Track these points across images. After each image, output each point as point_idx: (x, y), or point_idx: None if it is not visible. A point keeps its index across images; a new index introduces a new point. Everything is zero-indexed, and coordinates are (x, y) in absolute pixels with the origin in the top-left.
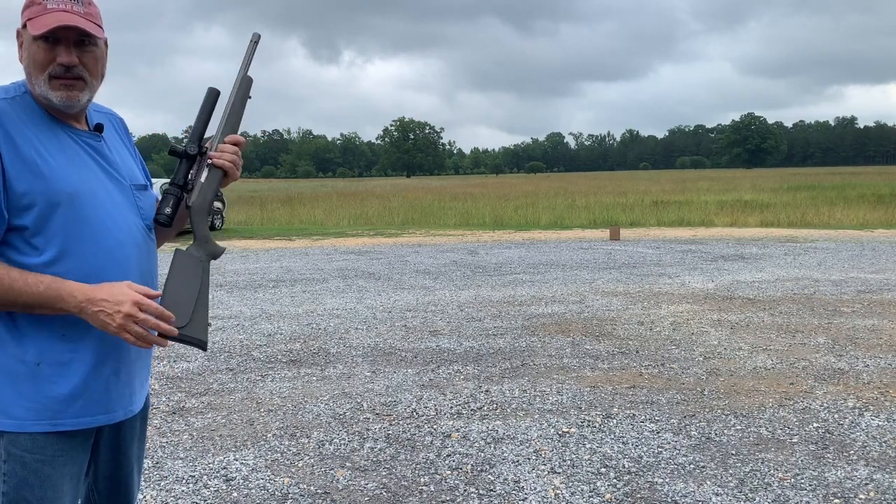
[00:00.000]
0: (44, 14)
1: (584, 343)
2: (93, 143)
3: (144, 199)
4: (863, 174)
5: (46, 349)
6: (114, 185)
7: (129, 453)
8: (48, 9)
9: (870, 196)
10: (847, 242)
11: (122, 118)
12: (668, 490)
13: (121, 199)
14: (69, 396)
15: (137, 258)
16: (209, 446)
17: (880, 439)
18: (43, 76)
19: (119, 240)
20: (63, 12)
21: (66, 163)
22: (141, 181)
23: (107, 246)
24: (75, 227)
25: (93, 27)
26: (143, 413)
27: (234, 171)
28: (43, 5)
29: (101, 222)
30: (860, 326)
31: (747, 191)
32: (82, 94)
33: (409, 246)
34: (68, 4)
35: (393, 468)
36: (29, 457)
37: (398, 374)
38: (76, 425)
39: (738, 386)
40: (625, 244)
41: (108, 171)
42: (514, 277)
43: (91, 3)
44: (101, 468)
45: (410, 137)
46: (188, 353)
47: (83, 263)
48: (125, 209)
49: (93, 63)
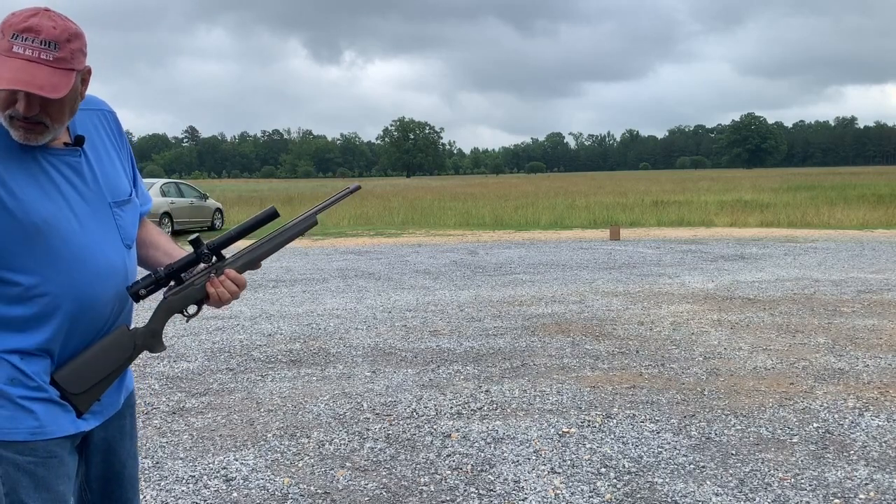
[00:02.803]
0: (6, 60)
1: (584, 343)
2: (70, 161)
3: (125, 215)
4: (863, 174)
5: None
6: (89, 208)
7: (118, 451)
8: (12, 53)
9: (870, 196)
10: (847, 242)
11: (114, 111)
12: (668, 490)
13: (96, 225)
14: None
15: (113, 287)
16: (209, 446)
17: (880, 439)
18: (3, 114)
19: (92, 273)
20: (26, 63)
21: (35, 194)
22: (124, 195)
23: (80, 279)
24: (46, 260)
25: (57, 84)
26: (131, 410)
27: (219, 304)
28: (9, 45)
29: (72, 256)
30: (860, 326)
31: (747, 191)
32: (42, 136)
33: (409, 246)
34: (36, 51)
35: (393, 468)
36: (21, 459)
37: (398, 374)
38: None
39: (738, 386)
40: (625, 244)
41: (84, 194)
42: (514, 277)
43: (69, 41)
44: (93, 468)
45: (410, 137)
46: (188, 353)
47: (55, 297)
48: (102, 236)
49: (57, 111)
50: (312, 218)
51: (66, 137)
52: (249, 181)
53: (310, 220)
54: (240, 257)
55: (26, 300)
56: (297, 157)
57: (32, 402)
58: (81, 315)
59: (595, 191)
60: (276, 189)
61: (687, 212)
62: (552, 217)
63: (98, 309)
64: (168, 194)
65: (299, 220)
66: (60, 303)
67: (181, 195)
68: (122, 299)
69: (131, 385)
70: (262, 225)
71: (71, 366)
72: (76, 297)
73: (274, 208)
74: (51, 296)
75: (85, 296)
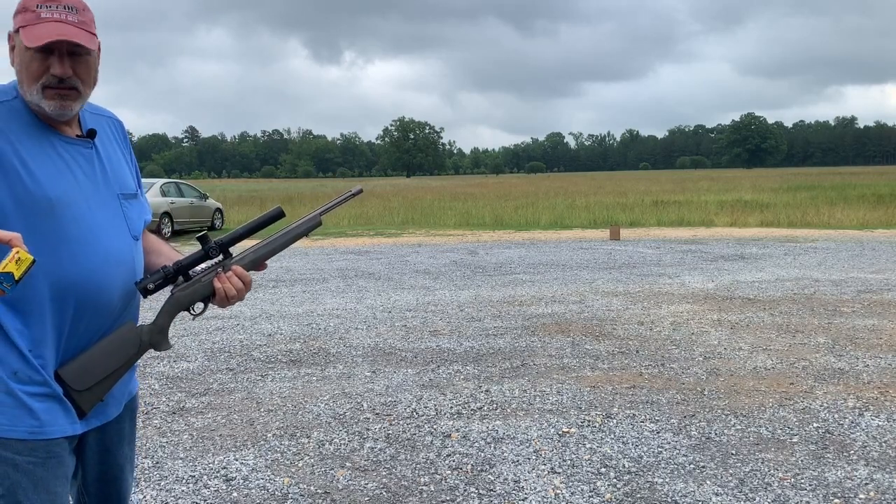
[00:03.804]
0: (37, 24)
1: (584, 343)
2: (82, 150)
3: (132, 208)
4: (863, 174)
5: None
6: (100, 196)
7: (116, 454)
8: (42, 18)
9: (870, 196)
10: (847, 242)
11: (121, 121)
12: (668, 490)
13: (105, 212)
14: None
15: (120, 275)
16: (209, 446)
17: (880, 439)
18: (36, 86)
19: (100, 257)
20: (57, 23)
21: (51, 172)
22: (131, 189)
23: (86, 262)
24: (56, 238)
25: (87, 38)
26: (131, 415)
27: (224, 302)
28: (36, 13)
29: (82, 237)
30: (860, 326)
31: (747, 191)
32: (75, 103)
33: (409, 246)
34: (62, 13)
35: (393, 468)
36: (20, 459)
37: (398, 374)
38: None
39: (738, 386)
40: (625, 244)
41: (96, 181)
42: (514, 277)
43: (85, 9)
44: (89, 471)
45: (410, 137)
46: (188, 353)
47: (61, 278)
48: (109, 222)
49: (86, 72)
50: (317, 219)
51: (77, 129)
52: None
53: (314, 220)
54: (246, 255)
55: (35, 279)
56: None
57: (34, 399)
58: (88, 300)
59: (595, 191)
60: (276, 189)
61: (687, 212)
62: (552, 217)
63: (105, 296)
64: (168, 194)
65: (304, 220)
66: (68, 284)
67: (181, 195)
68: (130, 292)
69: (135, 389)
70: (269, 224)
71: (76, 361)
72: (83, 280)
73: (280, 208)
74: (59, 276)
75: (92, 279)
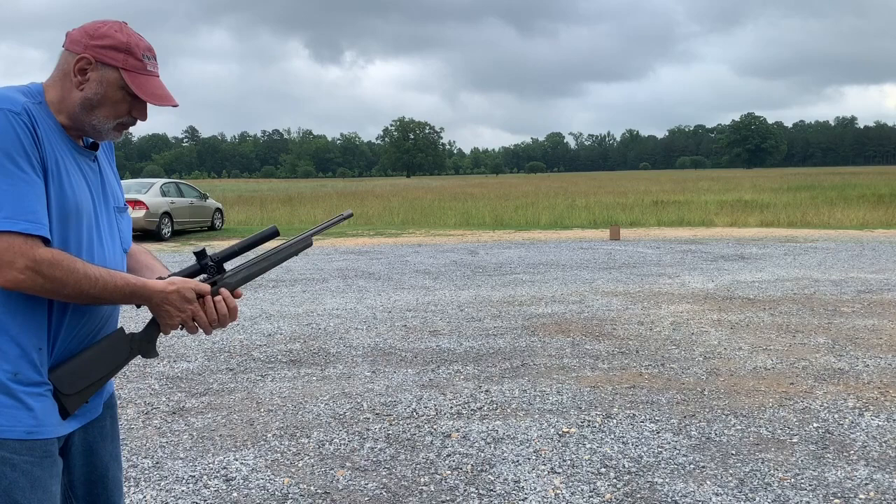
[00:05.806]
0: (147, 76)
1: (584, 343)
2: (90, 163)
3: (124, 221)
4: (863, 174)
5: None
6: (102, 207)
7: (101, 453)
8: (149, 72)
9: (870, 196)
10: (847, 242)
11: None
12: (668, 490)
13: (106, 223)
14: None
15: None
16: (209, 446)
17: (880, 439)
18: (112, 122)
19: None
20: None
21: (77, 179)
22: (122, 203)
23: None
24: (75, 240)
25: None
26: (111, 413)
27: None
28: (143, 64)
29: (92, 245)
30: (860, 326)
31: (747, 191)
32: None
33: (409, 246)
34: (157, 68)
35: (393, 468)
36: (18, 459)
37: (398, 374)
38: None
39: (738, 386)
40: (625, 244)
41: (99, 192)
42: (514, 277)
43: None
44: (76, 472)
45: (410, 137)
46: (188, 354)
47: None
48: (108, 233)
49: None
50: (308, 240)
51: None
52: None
53: (305, 241)
54: (238, 272)
55: None
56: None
57: (34, 398)
58: (86, 305)
59: (595, 191)
60: (276, 189)
61: (687, 212)
62: (552, 217)
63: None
64: (168, 194)
65: (295, 240)
66: None
67: (181, 195)
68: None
69: (111, 388)
70: (264, 242)
71: (66, 367)
72: None
73: (275, 227)
74: None
75: None
